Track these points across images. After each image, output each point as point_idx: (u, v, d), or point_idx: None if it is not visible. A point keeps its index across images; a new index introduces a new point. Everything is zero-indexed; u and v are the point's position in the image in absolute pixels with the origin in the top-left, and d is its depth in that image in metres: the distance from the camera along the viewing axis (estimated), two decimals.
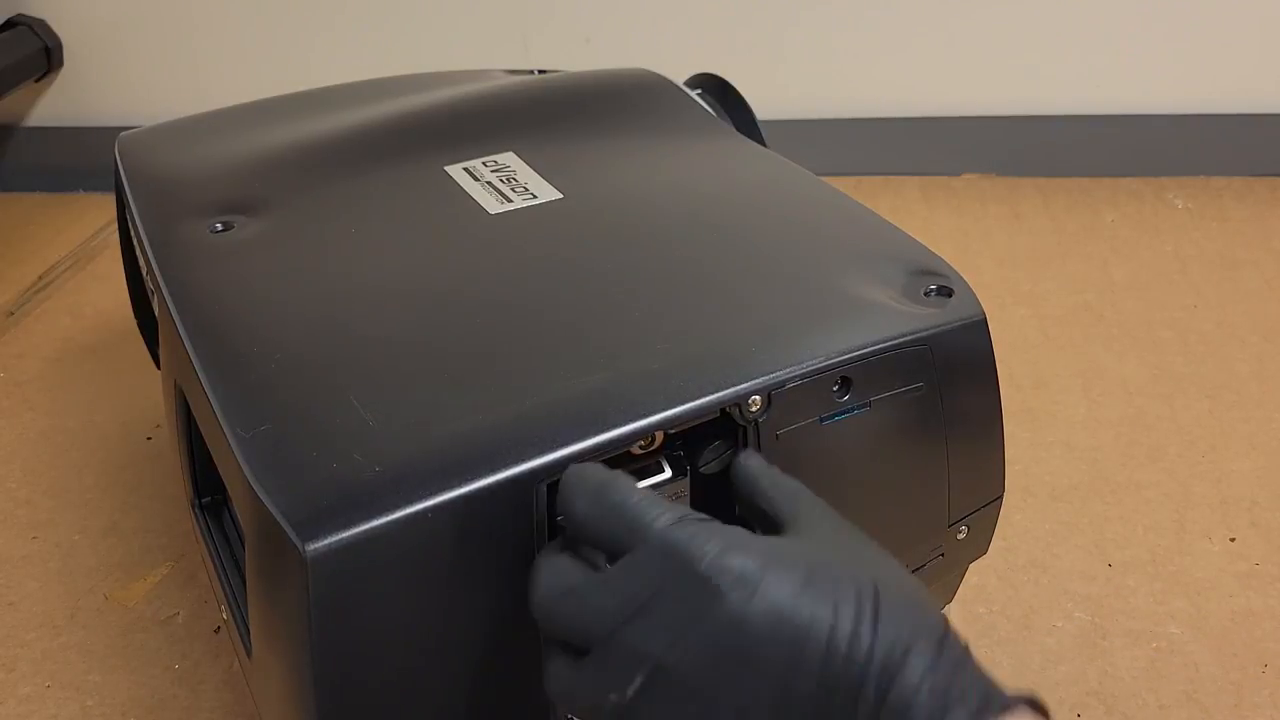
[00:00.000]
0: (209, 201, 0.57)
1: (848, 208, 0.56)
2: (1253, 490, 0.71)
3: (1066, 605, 0.63)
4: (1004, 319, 0.90)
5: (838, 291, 0.48)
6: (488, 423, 0.40)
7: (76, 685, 0.61)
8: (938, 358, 0.46)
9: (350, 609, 0.37)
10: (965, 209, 1.10)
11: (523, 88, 0.70)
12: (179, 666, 0.62)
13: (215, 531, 0.54)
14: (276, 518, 0.36)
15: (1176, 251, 1.00)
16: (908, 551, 0.51)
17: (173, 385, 0.52)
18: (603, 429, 0.40)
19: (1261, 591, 0.63)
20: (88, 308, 1.00)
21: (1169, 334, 0.88)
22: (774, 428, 0.43)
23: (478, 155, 0.60)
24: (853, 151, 1.17)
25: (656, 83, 0.70)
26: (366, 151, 0.61)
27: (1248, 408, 0.79)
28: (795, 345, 0.44)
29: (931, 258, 0.51)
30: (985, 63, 1.14)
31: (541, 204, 0.55)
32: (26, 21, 1.20)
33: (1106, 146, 1.15)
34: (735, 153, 0.63)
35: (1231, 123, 1.12)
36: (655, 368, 0.42)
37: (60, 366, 0.91)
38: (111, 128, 0.73)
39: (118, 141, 0.66)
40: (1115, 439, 0.76)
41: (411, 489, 0.37)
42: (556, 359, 0.43)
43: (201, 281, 0.51)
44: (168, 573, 0.69)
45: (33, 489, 0.77)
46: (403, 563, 0.37)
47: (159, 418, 0.81)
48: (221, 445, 0.41)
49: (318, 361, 0.44)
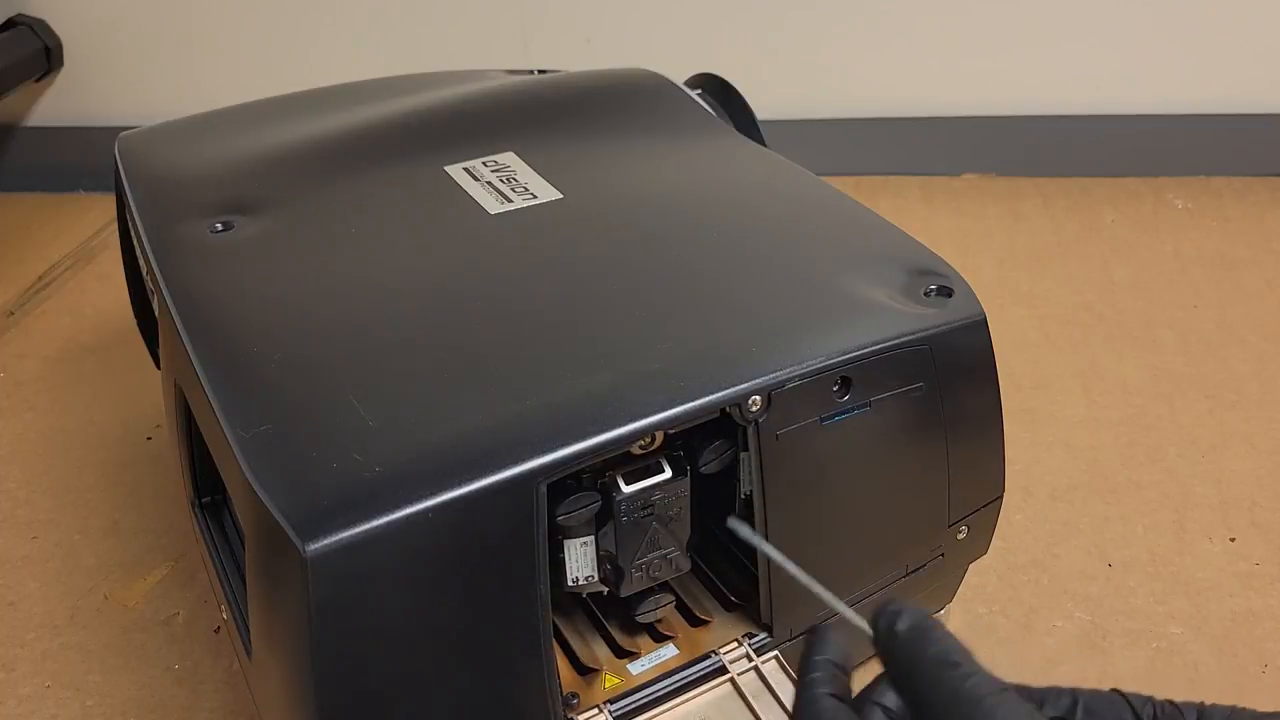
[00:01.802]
0: (209, 201, 0.57)
1: (848, 208, 0.56)
2: (1253, 490, 0.71)
3: (1066, 605, 0.63)
4: (1004, 319, 0.90)
5: (838, 291, 0.48)
6: (488, 423, 0.40)
7: (76, 685, 0.61)
8: (938, 358, 0.46)
9: (350, 609, 0.37)
10: (965, 209, 1.10)
11: (523, 88, 0.70)
12: (179, 666, 0.62)
13: (215, 531, 0.54)
14: (276, 518, 0.36)
15: (1176, 251, 1.00)
16: (908, 551, 0.51)
17: (173, 385, 0.52)
18: (603, 429, 0.40)
19: (1261, 591, 0.63)
20: (88, 308, 1.00)
21: (1169, 334, 0.88)
22: (774, 428, 0.43)
23: (478, 155, 0.60)
24: (853, 151, 1.17)
25: (656, 83, 0.70)
26: (366, 152, 0.61)
27: (1248, 408, 0.79)
28: (795, 345, 0.44)
29: (931, 258, 0.51)
30: (985, 63, 1.13)
31: (541, 204, 0.55)
32: (26, 21, 1.20)
33: (1106, 146, 1.15)
34: (735, 153, 0.63)
35: (1231, 123, 1.12)
36: (655, 368, 0.42)
37: (60, 366, 0.91)
38: (111, 128, 0.73)
39: (118, 141, 0.66)
40: (1115, 439, 0.76)
41: (411, 489, 0.37)
42: (556, 359, 0.43)
43: (201, 281, 0.51)
44: (168, 573, 0.69)
45: (33, 489, 0.77)
46: (403, 563, 0.37)
47: (159, 418, 0.81)
48: (221, 445, 0.41)
49: (318, 361, 0.44)
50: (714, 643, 0.48)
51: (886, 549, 0.50)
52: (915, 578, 0.52)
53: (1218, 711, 0.32)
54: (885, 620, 0.32)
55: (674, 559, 0.46)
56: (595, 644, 0.49)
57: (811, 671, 0.33)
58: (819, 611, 0.49)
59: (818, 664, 0.33)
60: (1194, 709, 0.32)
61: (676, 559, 0.46)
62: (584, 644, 0.49)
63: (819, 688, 0.33)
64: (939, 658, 0.31)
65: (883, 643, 0.32)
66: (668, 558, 0.46)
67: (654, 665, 0.47)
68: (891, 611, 0.32)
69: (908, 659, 0.31)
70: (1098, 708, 0.33)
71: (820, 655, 0.33)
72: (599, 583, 0.45)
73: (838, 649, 0.34)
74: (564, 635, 0.49)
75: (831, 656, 0.33)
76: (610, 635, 0.49)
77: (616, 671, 0.47)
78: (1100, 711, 0.33)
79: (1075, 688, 0.33)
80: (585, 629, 0.50)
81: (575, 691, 0.45)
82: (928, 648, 0.31)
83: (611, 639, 0.49)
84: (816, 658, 0.34)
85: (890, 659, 0.32)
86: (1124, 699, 0.33)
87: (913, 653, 0.31)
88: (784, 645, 0.48)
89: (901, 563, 0.51)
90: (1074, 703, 0.33)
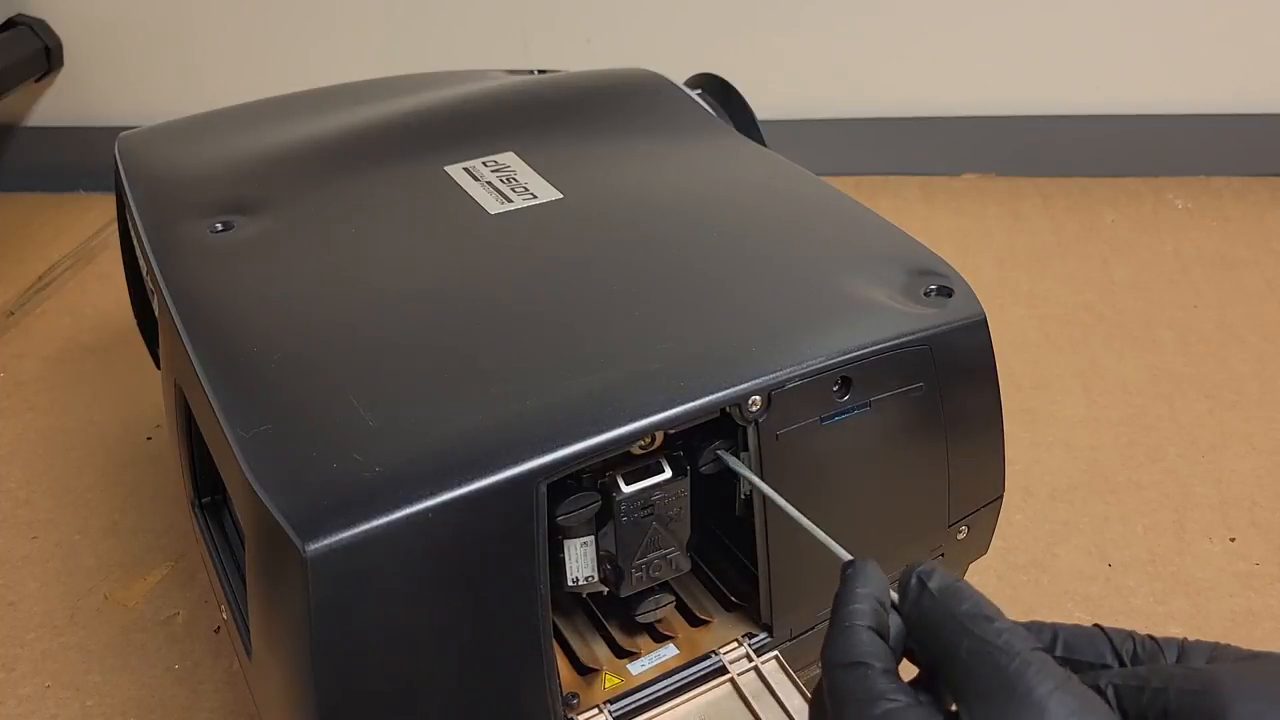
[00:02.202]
0: (209, 201, 0.57)
1: (848, 208, 0.56)
2: (1253, 490, 0.71)
3: (1066, 605, 0.63)
4: (1004, 319, 0.90)
5: (838, 291, 0.48)
6: (488, 423, 0.40)
7: (76, 685, 0.61)
8: (938, 358, 0.46)
9: (350, 609, 0.37)
10: (965, 209, 1.10)
11: (523, 88, 0.70)
12: (179, 666, 0.62)
13: (215, 531, 0.54)
14: (276, 518, 0.36)
15: (1176, 251, 1.00)
16: (908, 551, 0.51)
17: (173, 385, 0.52)
18: (603, 429, 0.40)
19: (1261, 591, 0.63)
20: (88, 308, 1.00)
21: (1169, 334, 0.88)
22: (774, 428, 0.43)
23: (478, 155, 0.60)
24: (853, 151, 1.17)
25: (656, 83, 0.70)
26: (366, 152, 0.61)
27: (1248, 408, 0.79)
28: (795, 345, 0.44)
29: (931, 258, 0.51)
30: (985, 63, 1.14)
31: (541, 204, 0.55)
32: (26, 21, 1.20)
33: (1106, 146, 1.15)
34: (735, 153, 0.63)
35: (1231, 123, 1.12)
36: (655, 368, 0.42)
37: (60, 366, 0.91)
38: (111, 128, 0.73)
39: (118, 141, 0.66)
40: (1115, 439, 0.76)
41: (411, 489, 0.37)
42: (556, 359, 0.43)
43: (201, 281, 0.51)
44: (168, 573, 0.69)
45: (33, 489, 0.77)
46: (403, 563, 0.37)
47: (159, 418, 0.81)
48: (221, 445, 0.41)
49: (318, 361, 0.44)
50: (714, 643, 0.48)
51: (886, 549, 0.50)
52: None
53: (1200, 648, 0.31)
54: (916, 578, 0.32)
55: (674, 559, 0.46)
56: (595, 644, 0.49)
57: (853, 603, 0.32)
58: (819, 611, 0.49)
59: (861, 595, 0.32)
60: (1175, 645, 0.32)
61: (676, 559, 0.46)
62: (584, 644, 0.49)
63: (859, 619, 0.32)
64: (972, 612, 0.31)
65: (911, 599, 0.32)
66: (668, 558, 0.46)
67: (654, 665, 0.47)
68: (924, 570, 0.32)
69: (941, 613, 0.31)
70: (1078, 643, 0.32)
71: (864, 588, 0.33)
72: (599, 583, 0.45)
73: (880, 583, 0.33)
74: (564, 635, 0.49)
75: (874, 591, 0.33)
76: (610, 635, 0.49)
77: (616, 671, 0.47)
78: (1080, 647, 0.32)
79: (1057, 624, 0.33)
80: (585, 629, 0.50)
81: (575, 691, 0.45)
82: (961, 603, 0.31)
83: (611, 639, 0.49)
84: (860, 589, 0.33)
85: (919, 616, 0.32)
86: (1104, 635, 0.33)
87: (947, 607, 0.31)
88: (784, 645, 0.48)
89: (902, 562, 0.51)
90: (1054, 637, 0.32)
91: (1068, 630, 0.33)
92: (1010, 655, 0.29)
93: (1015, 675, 0.28)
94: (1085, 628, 0.33)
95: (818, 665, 0.51)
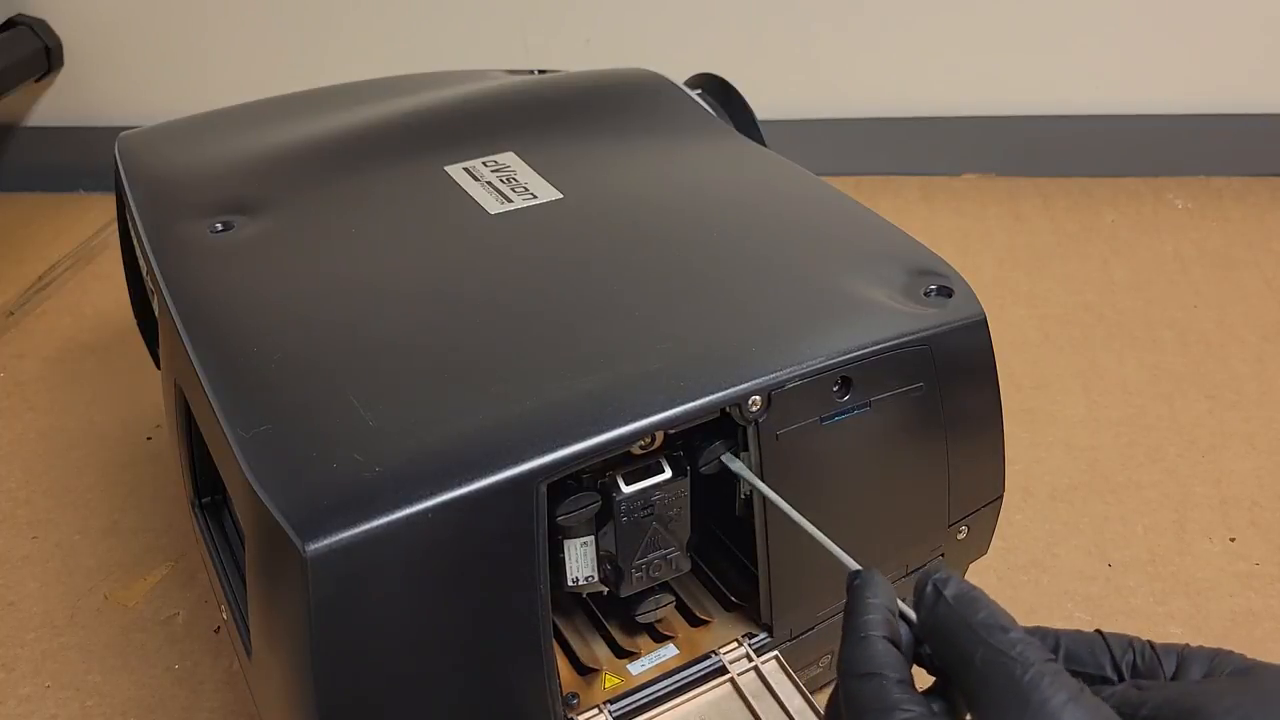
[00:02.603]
0: (209, 201, 0.57)
1: (848, 208, 0.56)
2: (1253, 490, 0.71)
3: (1066, 605, 0.63)
4: (1004, 319, 0.90)
5: (838, 291, 0.48)
6: (488, 423, 0.40)
7: (76, 685, 0.61)
8: (938, 358, 0.46)
9: (350, 609, 0.37)
10: (965, 209, 1.10)
11: (523, 88, 0.70)
12: (179, 666, 0.62)
13: (215, 531, 0.54)
14: (276, 518, 0.36)
15: (1176, 251, 1.00)
16: (908, 551, 0.51)
17: (173, 385, 0.52)
18: (603, 429, 0.40)
19: (1261, 591, 0.63)
20: (88, 308, 1.00)
21: (1169, 334, 0.88)
22: (774, 428, 0.43)
23: (478, 155, 0.60)
24: (853, 151, 1.17)
25: (656, 83, 0.70)
26: (366, 152, 0.61)
27: (1248, 408, 0.79)
28: (795, 345, 0.44)
29: (931, 258, 0.51)
30: (985, 63, 1.13)
31: (541, 204, 0.55)
32: (26, 21, 1.20)
33: (1106, 146, 1.15)
34: (735, 153, 0.63)
35: (1231, 123, 1.12)
36: (655, 368, 0.42)
37: (60, 366, 0.91)
38: (111, 128, 0.73)
39: (118, 141, 0.66)
40: (1115, 439, 0.76)
41: (411, 489, 0.37)
42: (556, 359, 0.43)
43: (201, 281, 0.51)
44: (168, 573, 0.69)
45: (33, 489, 0.77)
46: (403, 563, 0.37)
47: (159, 418, 0.81)
48: (221, 445, 0.41)
49: (318, 361, 0.44)
50: (714, 643, 0.48)
51: (886, 549, 0.50)
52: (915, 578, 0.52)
53: (1200, 654, 0.32)
54: (933, 585, 0.32)
55: (674, 559, 0.46)
56: (595, 644, 0.49)
57: (866, 613, 0.33)
58: (819, 611, 0.49)
59: (873, 605, 0.33)
60: (1174, 652, 0.32)
61: (676, 559, 0.46)
62: (584, 644, 0.49)
63: (874, 630, 0.32)
64: (988, 621, 0.31)
65: (927, 606, 0.32)
66: (668, 558, 0.46)
67: (654, 665, 0.47)
68: (940, 578, 0.33)
69: (956, 621, 0.31)
70: (1078, 651, 0.33)
71: (875, 598, 0.33)
72: (599, 583, 0.45)
73: (889, 592, 0.34)
74: (564, 635, 0.49)
75: (884, 600, 0.33)
76: (610, 635, 0.49)
77: (616, 671, 0.47)
78: (1080, 655, 0.33)
79: (1059, 629, 0.34)
80: (585, 629, 0.50)
81: (575, 691, 0.45)
82: (976, 612, 0.31)
83: (611, 639, 0.49)
84: (871, 599, 0.33)
85: (934, 623, 0.32)
86: (1105, 643, 0.33)
87: (962, 616, 0.31)
88: (784, 645, 0.48)
89: (902, 562, 0.51)
90: (1057, 644, 0.33)
91: (1069, 637, 0.33)
92: (1025, 666, 0.29)
93: (1030, 686, 0.29)
94: (1087, 635, 0.33)
95: (818, 665, 0.51)
